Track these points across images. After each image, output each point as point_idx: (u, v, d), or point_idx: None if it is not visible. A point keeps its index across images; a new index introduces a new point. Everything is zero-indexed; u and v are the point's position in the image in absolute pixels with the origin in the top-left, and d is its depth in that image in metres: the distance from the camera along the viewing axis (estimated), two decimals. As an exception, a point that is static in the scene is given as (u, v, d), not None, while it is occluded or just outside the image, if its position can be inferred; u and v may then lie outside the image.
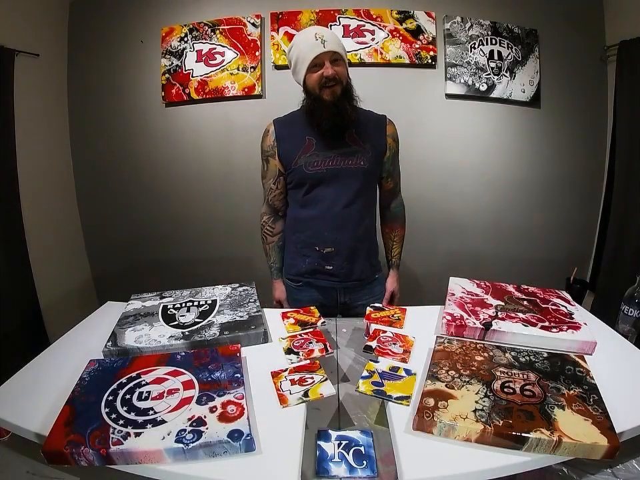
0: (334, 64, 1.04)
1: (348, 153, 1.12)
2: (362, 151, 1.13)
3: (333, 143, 1.12)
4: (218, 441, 0.55)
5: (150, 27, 2.06)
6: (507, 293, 1.02)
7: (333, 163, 1.12)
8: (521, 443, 0.56)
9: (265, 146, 1.18)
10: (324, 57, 1.03)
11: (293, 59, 1.09)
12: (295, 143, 1.14)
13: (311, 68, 1.05)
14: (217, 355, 0.76)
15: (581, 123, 2.08)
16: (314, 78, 1.06)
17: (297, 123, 1.15)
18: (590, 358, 0.76)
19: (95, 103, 2.15)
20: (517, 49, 2.00)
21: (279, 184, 1.21)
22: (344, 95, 1.08)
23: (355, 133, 1.13)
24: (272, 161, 1.18)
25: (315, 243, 1.18)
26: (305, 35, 1.06)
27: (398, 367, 0.75)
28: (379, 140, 1.17)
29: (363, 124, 1.15)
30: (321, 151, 1.12)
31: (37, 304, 1.90)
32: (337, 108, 1.06)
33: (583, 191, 2.16)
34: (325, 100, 1.06)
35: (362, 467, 0.59)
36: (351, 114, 1.08)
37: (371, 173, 1.17)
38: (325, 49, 1.01)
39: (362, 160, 1.13)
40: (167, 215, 2.26)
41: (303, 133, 1.13)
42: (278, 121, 1.19)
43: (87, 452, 0.54)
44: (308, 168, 1.12)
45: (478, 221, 2.19)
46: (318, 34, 1.03)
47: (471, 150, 2.11)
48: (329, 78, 1.04)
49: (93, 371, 0.72)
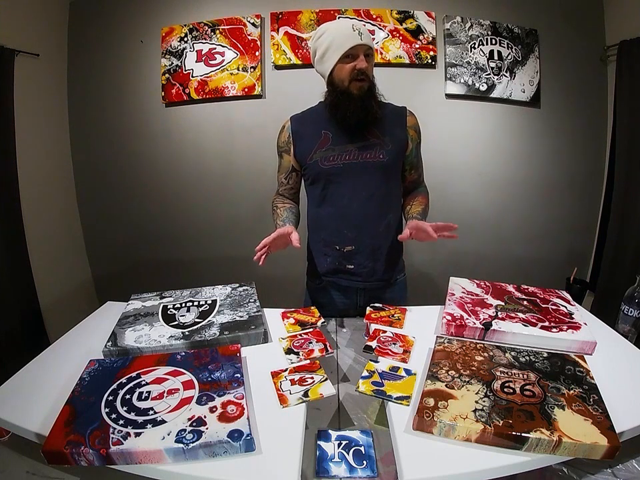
0: (366, 58, 1.01)
1: (366, 147, 1.08)
2: (381, 144, 1.08)
3: (350, 137, 1.08)
4: (218, 441, 0.55)
5: (150, 27, 2.06)
6: (507, 292, 1.02)
7: (350, 157, 1.07)
8: (520, 443, 0.56)
9: (280, 142, 1.17)
10: (360, 49, 0.99)
11: (322, 46, 1.03)
12: (311, 138, 1.10)
13: (344, 58, 1.00)
14: (216, 355, 0.76)
15: (580, 123, 2.08)
16: (346, 69, 1.01)
17: (313, 118, 1.13)
18: (590, 358, 0.76)
19: (95, 103, 2.15)
20: (517, 49, 2.00)
21: (290, 179, 1.19)
22: (370, 92, 1.05)
23: (373, 126, 1.09)
24: (285, 156, 1.16)
25: (335, 242, 1.14)
26: (340, 24, 1.02)
27: (398, 367, 0.75)
28: (400, 132, 1.12)
29: (382, 117, 1.10)
30: (337, 145, 1.08)
31: (37, 304, 1.90)
32: (364, 103, 1.03)
33: (583, 191, 2.16)
34: (353, 93, 1.02)
35: (362, 467, 0.59)
36: (376, 111, 1.05)
37: (391, 166, 1.12)
38: (362, 41, 0.98)
39: (381, 153, 1.08)
40: (166, 215, 2.26)
41: (319, 128, 1.09)
42: (294, 118, 1.15)
43: (87, 452, 0.54)
44: (323, 163, 1.08)
45: (478, 221, 2.18)
46: (355, 25, 0.98)
47: (471, 150, 2.11)
48: (361, 70, 1.00)
49: (92, 371, 0.72)
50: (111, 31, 2.08)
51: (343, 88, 1.03)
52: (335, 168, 1.08)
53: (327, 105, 1.09)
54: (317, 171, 1.10)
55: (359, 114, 1.03)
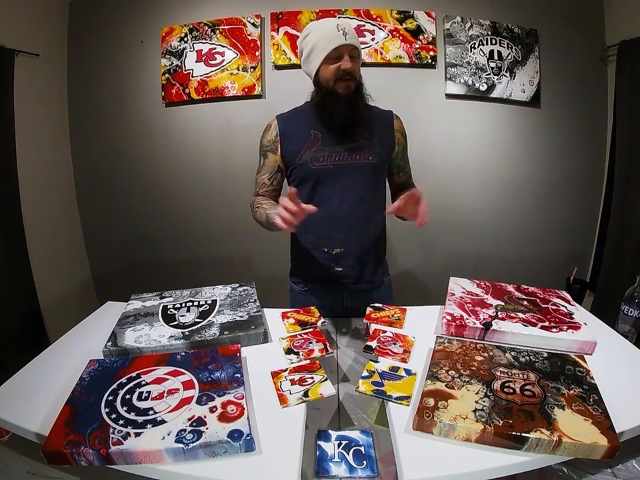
0: (351, 59, 0.99)
1: (355, 148, 1.07)
2: (370, 146, 1.08)
3: (339, 138, 1.07)
4: (218, 441, 0.55)
5: (150, 27, 2.06)
6: (507, 292, 1.02)
7: (340, 158, 1.07)
8: (520, 443, 0.56)
9: (266, 141, 1.14)
10: (344, 50, 0.98)
11: (307, 46, 1.02)
12: (300, 138, 1.09)
13: (328, 59, 0.99)
14: (217, 355, 0.76)
15: (580, 123, 2.08)
16: (330, 70, 1.00)
17: (301, 118, 1.12)
18: (590, 358, 0.76)
19: (95, 102, 2.15)
20: (517, 49, 2.00)
21: (274, 180, 1.16)
22: (357, 92, 1.04)
23: (362, 127, 1.09)
24: (271, 156, 1.13)
25: (323, 244, 1.12)
26: (324, 24, 1.00)
27: (398, 367, 0.75)
28: (387, 135, 1.13)
29: (369, 119, 1.10)
30: (327, 146, 1.07)
31: (37, 304, 1.90)
32: (350, 103, 1.02)
33: (583, 191, 2.16)
34: (339, 93, 1.01)
35: (362, 467, 0.59)
36: (363, 111, 1.05)
37: (379, 168, 1.12)
38: (346, 42, 0.96)
39: (370, 155, 1.08)
40: (166, 214, 2.26)
41: (309, 128, 1.08)
42: (281, 117, 1.13)
43: (87, 452, 0.54)
44: (313, 163, 1.07)
45: (478, 221, 2.19)
46: (340, 25, 0.97)
47: (471, 150, 2.11)
48: (346, 71, 0.99)
49: (92, 371, 0.72)
50: (111, 31, 2.08)
51: (328, 88, 1.02)
52: (324, 169, 1.07)
53: (313, 105, 1.08)
54: (306, 172, 1.09)
55: (346, 114, 1.02)
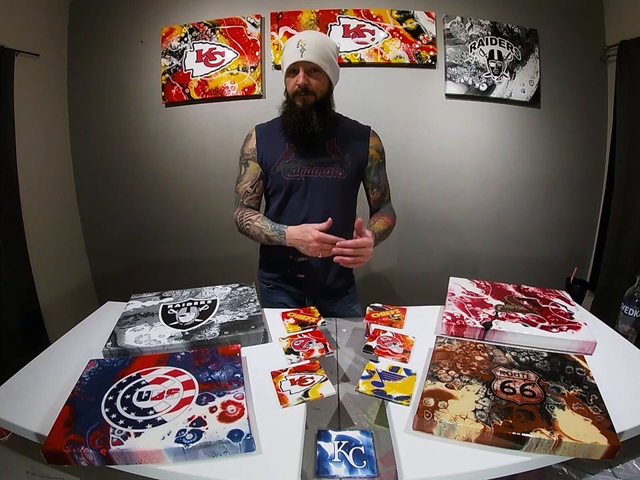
0: (312, 74, 1.05)
1: (326, 163, 1.12)
2: (341, 162, 1.12)
3: (312, 152, 1.12)
4: (218, 441, 0.55)
5: (150, 27, 2.06)
6: (507, 292, 1.02)
7: (311, 171, 1.12)
8: (520, 443, 0.56)
9: (247, 149, 1.19)
10: (300, 66, 1.04)
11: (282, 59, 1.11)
12: (276, 148, 1.14)
13: (290, 72, 1.07)
14: (217, 355, 0.76)
15: (580, 123, 2.08)
16: (291, 83, 1.08)
17: (277, 130, 1.15)
18: (590, 358, 0.76)
19: (95, 103, 2.15)
20: (517, 49, 2.00)
21: (257, 187, 1.19)
22: (315, 106, 1.07)
23: (335, 142, 1.13)
24: (252, 164, 1.17)
25: (288, 252, 1.13)
26: (292, 40, 1.07)
27: (398, 367, 0.75)
28: (360, 151, 1.16)
29: (345, 134, 1.15)
30: (300, 159, 1.12)
31: (37, 304, 1.90)
32: (304, 115, 1.07)
33: (583, 191, 2.16)
34: (296, 105, 1.08)
35: (362, 467, 0.59)
36: (316, 124, 1.07)
37: (349, 184, 1.16)
38: (301, 58, 1.02)
39: (340, 170, 1.12)
40: (166, 214, 2.26)
41: (283, 139, 1.13)
42: (259, 127, 1.20)
43: (87, 452, 0.54)
44: (286, 174, 1.12)
45: (478, 221, 2.19)
46: (301, 41, 1.02)
47: (471, 150, 2.11)
48: (300, 87, 1.05)
49: (92, 371, 0.72)
50: (111, 31, 2.08)
51: (289, 100, 1.11)
52: (297, 181, 1.12)
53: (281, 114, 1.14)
54: (279, 182, 1.14)
55: (299, 125, 1.07)
